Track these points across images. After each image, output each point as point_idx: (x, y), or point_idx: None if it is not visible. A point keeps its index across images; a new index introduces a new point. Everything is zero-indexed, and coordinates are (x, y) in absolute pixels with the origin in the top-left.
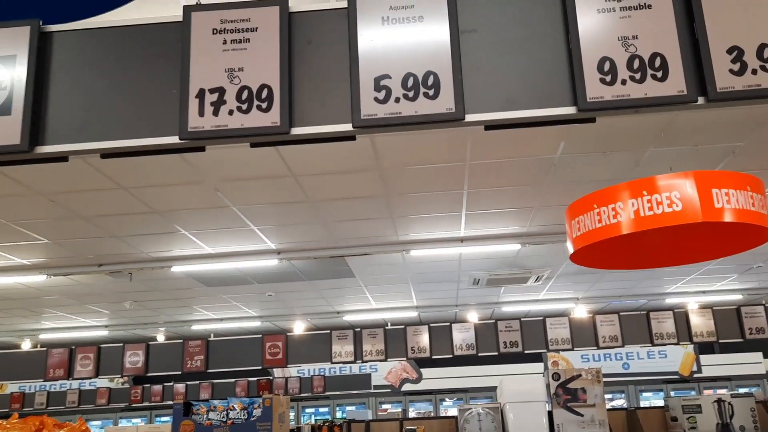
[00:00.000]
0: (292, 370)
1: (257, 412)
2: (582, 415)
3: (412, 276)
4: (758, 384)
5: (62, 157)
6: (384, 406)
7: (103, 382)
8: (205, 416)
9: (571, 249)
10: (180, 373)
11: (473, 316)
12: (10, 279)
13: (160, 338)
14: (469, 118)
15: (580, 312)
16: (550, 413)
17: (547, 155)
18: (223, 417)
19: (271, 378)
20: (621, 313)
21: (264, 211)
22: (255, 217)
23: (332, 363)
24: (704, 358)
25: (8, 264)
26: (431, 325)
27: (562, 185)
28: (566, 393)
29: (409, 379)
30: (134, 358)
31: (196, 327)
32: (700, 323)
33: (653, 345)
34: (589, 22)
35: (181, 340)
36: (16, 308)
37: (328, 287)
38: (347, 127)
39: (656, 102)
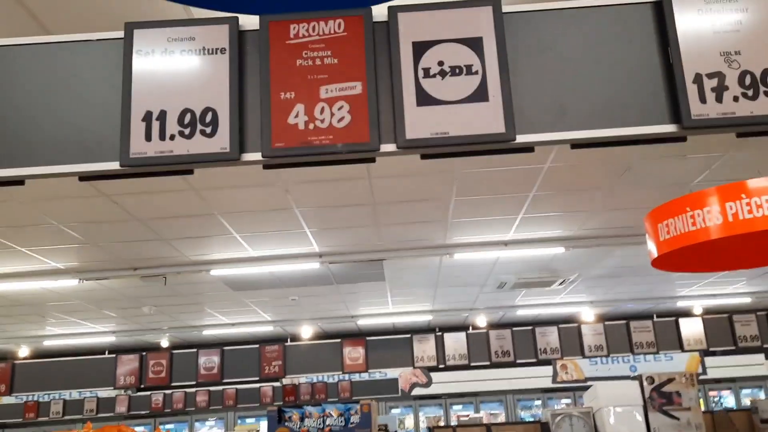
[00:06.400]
0: (301, 377)
1: (355, 419)
2: (678, 419)
3: (442, 279)
4: (761, 385)
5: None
6: (393, 411)
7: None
8: (299, 423)
9: (654, 253)
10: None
11: (482, 320)
12: (41, 284)
13: (164, 343)
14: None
15: (588, 316)
16: (645, 417)
17: (625, 159)
18: (319, 424)
19: (281, 384)
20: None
21: (323, 215)
22: (311, 220)
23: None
24: (709, 360)
25: (42, 268)
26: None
27: (630, 188)
28: (661, 396)
29: (419, 384)
30: (209, 364)
31: (207, 332)
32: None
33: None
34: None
35: (257, 345)
36: (25, 314)
37: (352, 291)
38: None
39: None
